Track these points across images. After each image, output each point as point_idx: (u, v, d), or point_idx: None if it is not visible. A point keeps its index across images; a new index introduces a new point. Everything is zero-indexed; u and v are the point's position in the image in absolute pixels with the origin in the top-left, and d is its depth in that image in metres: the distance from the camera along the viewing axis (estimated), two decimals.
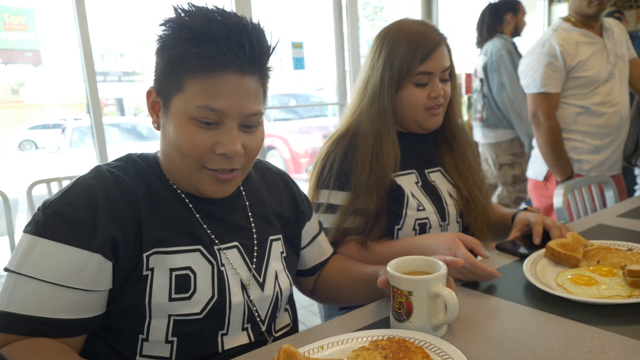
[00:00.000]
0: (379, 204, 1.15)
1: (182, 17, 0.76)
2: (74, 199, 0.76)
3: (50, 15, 2.95)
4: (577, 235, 1.13)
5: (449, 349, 0.70)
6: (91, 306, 0.75)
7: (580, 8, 2.02)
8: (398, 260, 0.85)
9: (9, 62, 3.00)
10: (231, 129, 0.78)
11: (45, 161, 6.89)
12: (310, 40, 3.66)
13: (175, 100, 0.77)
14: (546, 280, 0.98)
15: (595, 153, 2.10)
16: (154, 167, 0.86)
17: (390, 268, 0.82)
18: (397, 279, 0.80)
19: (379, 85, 1.17)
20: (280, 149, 6.57)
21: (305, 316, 2.76)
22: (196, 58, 0.74)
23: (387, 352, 0.69)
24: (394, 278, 0.80)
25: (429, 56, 1.14)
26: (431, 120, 1.20)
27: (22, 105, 3.03)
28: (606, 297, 0.87)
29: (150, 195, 0.82)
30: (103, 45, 2.64)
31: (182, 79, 0.76)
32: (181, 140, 0.77)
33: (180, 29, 0.75)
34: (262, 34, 0.79)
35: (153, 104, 0.83)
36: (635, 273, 0.89)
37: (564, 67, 2.01)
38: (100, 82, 2.74)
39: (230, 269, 0.85)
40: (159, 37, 0.78)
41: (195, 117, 0.76)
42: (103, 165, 0.84)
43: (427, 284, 0.78)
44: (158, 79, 0.80)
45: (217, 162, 0.79)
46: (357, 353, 0.71)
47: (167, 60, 0.77)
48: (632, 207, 1.57)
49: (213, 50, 0.73)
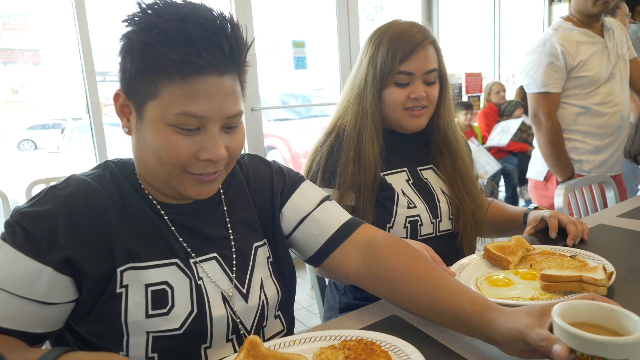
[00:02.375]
0: (365, 201, 1.15)
1: (150, 14, 0.70)
2: (39, 210, 0.73)
3: (50, 15, 2.94)
4: (522, 238, 1.14)
5: (416, 358, 0.68)
6: (43, 320, 0.73)
7: (585, 7, 2.02)
8: (565, 307, 0.61)
9: (9, 62, 2.99)
10: (213, 133, 0.74)
11: (45, 161, 6.88)
12: (310, 40, 3.66)
13: (150, 105, 0.72)
14: (467, 280, 0.99)
15: (595, 153, 2.10)
16: (130, 175, 0.82)
17: (563, 320, 0.58)
18: (599, 344, 0.54)
19: (363, 84, 1.19)
20: (280, 149, 6.57)
21: (305, 316, 2.76)
22: (173, 64, 0.68)
23: (351, 353, 0.69)
24: (589, 343, 0.54)
25: (410, 56, 1.14)
26: (411, 121, 1.20)
27: (22, 105, 3.02)
28: (508, 298, 0.88)
29: (124, 206, 0.78)
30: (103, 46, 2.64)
31: (157, 84, 0.70)
32: (160, 148, 0.73)
33: (150, 30, 0.69)
34: (239, 31, 0.74)
35: (122, 107, 0.77)
36: (548, 278, 0.89)
37: (564, 67, 2.00)
38: (100, 82, 2.73)
39: (209, 282, 0.81)
40: (123, 36, 0.72)
41: (175, 124, 0.72)
42: (79, 174, 0.80)
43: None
44: (127, 82, 0.74)
45: (201, 167, 0.75)
46: (322, 350, 0.72)
47: (138, 64, 0.71)
48: (632, 207, 1.57)
49: (191, 55, 0.68)
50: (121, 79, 0.75)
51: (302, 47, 3.57)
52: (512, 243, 1.12)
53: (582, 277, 0.87)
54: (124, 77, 0.74)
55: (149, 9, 0.71)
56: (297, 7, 3.96)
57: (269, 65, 3.84)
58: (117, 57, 0.74)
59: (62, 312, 0.74)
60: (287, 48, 3.58)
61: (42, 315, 0.72)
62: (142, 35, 0.69)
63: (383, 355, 0.69)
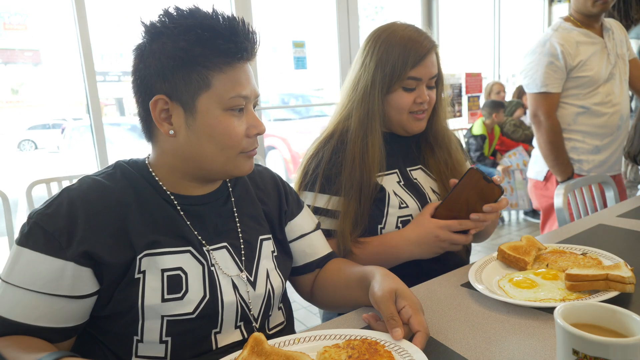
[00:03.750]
0: (365, 204, 1.16)
1: (177, 20, 0.78)
2: (55, 209, 0.77)
3: (50, 15, 2.94)
4: (532, 238, 1.14)
5: (419, 358, 0.68)
6: (73, 314, 0.77)
7: (584, 7, 2.02)
8: (567, 308, 0.61)
9: (9, 62, 2.99)
10: (251, 111, 0.86)
11: (45, 161, 6.88)
12: (310, 40, 3.66)
13: (203, 98, 0.80)
14: (489, 283, 0.98)
15: (595, 153, 2.10)
16: (143, 171, 0.86)
17: (566, 321, 0.57)
18: (601, 345, 0.53)
19: (369, 87, 1.19)
20: (280, 149, 6.57)
21: (305, 316, 2.76)
22: (222, 54, 0.78)
23: (355, 352, 0.69)
24: (590, 343, 0.54)
25: (420, 62, 1.16)
26: (415, 124, 1.22)
27: (22, 105, 3.03)
28: (539, 300, 0.88)
29: (139, 199, 0.83)
30: (103, 46, 2.64)
31: (207, 76, 0.79)
32: (223, 133, 0.82)
33: (186, 32, 0.77)
34: (247, 22, 0.85)
35: (161, 112, 0.81)
36: (574, 277, 0.89)
37: (564, 67, 2.01)
38: (100, 82, 2.74)
39: (219, 270, 0.86)
40: (152, 43, 0.78)
41: (230, 108, 0.81)
42: (91, 174, 0.85)
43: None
44: (170, 84, 0.79)
45: (251, 143, 0.86)
46: (325, 349, 0.72)
47: (182, 64, 0.77)
48: (632, 207, 1.57)
49: (234, 44, 0.79)
50: (157, 83, 0.80)
51: (302, 47, 3.57)
52: (524, 243, 1.11)
53: (609, 276, 0.86)
54: (162, 81, 0.79)
55: (164, 16, 0.80)
56: (297, 7, 3.96)
57: (269, 65, 3.84)
58: (145, 64, 0.80)
59: (88, 303, 0.78)
60: (287, 48, 3.58)
61: (72, 309, 0.77)
62: (180, 38, 0.77)
63: (386, 355, 0.69)
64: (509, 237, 4.29)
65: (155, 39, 0.78)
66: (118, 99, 7.76)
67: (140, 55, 0.80)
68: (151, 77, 0.79)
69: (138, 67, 0.81)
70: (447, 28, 4.58)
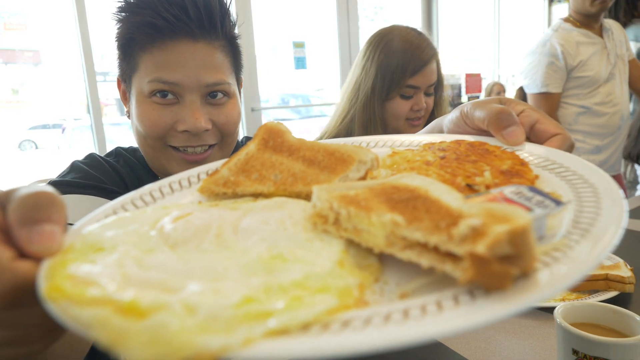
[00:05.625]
0: None
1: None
2: (81, 172, 0.76)
3: (50, 15, 2.94)
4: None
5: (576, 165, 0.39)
6: None
7: (583, 7, 2.02)
8: (568, 308, 0.60)
9: (9, 62, 2.99)
10: (192, 103, 0.73)
11: (45, 161, 6.88)
12: (310, 40, 3.66)
13: (134, 81, 0.75)
14: None
15: (595, 153, 2.10)
16: (141, 159, 0.86)
17: (566, 321, 0.58)
18: (601, 345, 0.53)
19: (370, 93, 1.20)
20: None
21: None
22: (139, 28, 0.70)
23: (449, 154, 0.44)
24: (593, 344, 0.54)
25: (419, 71, 1.17)
26: (411, 131, 1.24)
27: (22, 105, 3.02)
28: None
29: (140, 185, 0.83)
30: (103, 46, 2.64)
31: (135, 57, 0.73)
32: (140, 119, 0.74)
33: (119, 5, 0.72)
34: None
35: (124, 93, 0.81)
36: None
37: (565, 67, 2.01)
38: (100, 82, 2.74)
39: None
40: (115, 24, 0.76)
41: (151, 92, 0.72)
42: (96, 154, 0.84)
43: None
44: (119, 65, 0.79)
45: (182, 140, 0.74)
46: (395, 152, 0.48)
47: (119, 42, 0.75)
48: (632, 207, 1.57)
49: (152, 16, 0.69)
50: (117, 66, 0.79)
51: (302, 47, 3.57)
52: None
53: (608, 275, 0.86)
54: (118, 63, 0.79)
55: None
56: (297, 8, 3.96)
57: (269, 66, 3.84)
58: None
59: None
60: (287, 48, 3.58)
61: None
62: (117, 12, 0.73)
63: (507, 155, 0.43)
64: None
65: (115, 17, 0.76)
66: (118, 99, 7.76)
67: None
68: (116, 57, 0.79)
69: None
70: (447, 28, 4.58)
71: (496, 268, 0.25)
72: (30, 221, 0.28)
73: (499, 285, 0.25)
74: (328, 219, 0.33)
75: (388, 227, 0.30)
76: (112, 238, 0.31)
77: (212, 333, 0.23)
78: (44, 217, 0.28)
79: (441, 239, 0.27)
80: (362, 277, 0.30)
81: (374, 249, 0.31)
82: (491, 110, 0.45)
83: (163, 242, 0.31)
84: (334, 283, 0.28)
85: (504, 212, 0.27)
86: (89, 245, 0.30)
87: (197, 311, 0.24)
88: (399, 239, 0.30)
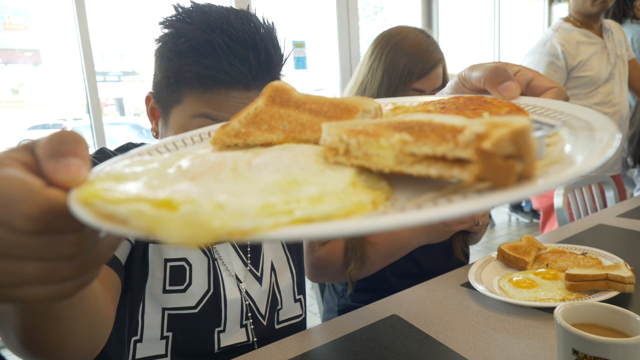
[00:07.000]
0: None
1: (182, 18, 0.70)
2: (92, 166, 0.76)
3: (50, 15, 2.94)
4: (532, 238, 1.14)
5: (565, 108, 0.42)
6: (120, 251, 0.75)
7: (584, 7, 2.02)
8: (567, 308, 0.61)
9: (9, 62, 2.99)
10: None
11: None
12: (310, 40, 3.66)
13: (174, 112, 0.73)
14: (489, 283, 0.99)
15: None
16: None
17: (566, 321, 0.58)
18: (601, 345, 0.53)
19: (376, 94, 1.20)
20: None
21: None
22: (194, 75, 0.68)
23: (449, 104, 0.47)
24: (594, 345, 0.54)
25: (425, 75, 1.16)
26: None
27: (22, 105, 3.02)
28: (539, 300, 0.88)
29: None
30: (103, 46, 2.64)
31: (180, 92, 0.71)
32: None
33: (178, 37, 0.69)
34: (272, 43, 0.72)
35: (152, 110, 0.80)
36: (574, 277, 0.89)
37: (565, 67, 2.01)
38: (100, 82, 2.74)
39: (222, 265, 0.85)
40: (157, 39, 0.74)
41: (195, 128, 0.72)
42: (107, 148, 0.81)
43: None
44: (156, 86, 0.76)
45: None
46: (397, 106, 0.51)
47: (164, 72, 0.72)
48: (632, 207, 1.57)
49: (212, 69, 0.67)
50: (152, 82, 0.77)
51: (302, 47, 3.57)
52: (524, 243, 1.11)
53: (608, 275, 0.87)
54: (154, 81, 0.76)
55: (183, 13, 0.71)
56: (297, 7, 3.96)
57: None
58: (152, 58, 0.76)
59: (124, 252, 0.76)
60: (288, 48, 3.58)
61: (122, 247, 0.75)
62: (171, 43, 0.70)
63: (505, 105, 0.44)
64: (509, 237, 4.29)
65: (163, 31, 0.73)
66: (118, 99, 7.76)
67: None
68: (153, 72, 0.77)
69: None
70: (447, 28, 4.58)
71: (501, 162, 0.27)
72: (58, 154, 0.29)
73: (504, 180, 0.27)
74: (338, 151, 0.35)
75: (397, 146, 0.32)
76: (134, 173, 0.33)
77: (242, 219, 0.26)
78: (70, 151, 0.30)
79: (448, 147, 0.29)
80: (375, 194, 0.32)
81: (384, 169, 0.33)
82: (487, 68, 0.48)
83: (182, 176, 0.33)
84: (348, 199, 0.30)
85: (505, 120, 0.30)
86: (113, 176, 0.32)
87: (225, 208, 0.26)
88: (407, 157, 0.32)
